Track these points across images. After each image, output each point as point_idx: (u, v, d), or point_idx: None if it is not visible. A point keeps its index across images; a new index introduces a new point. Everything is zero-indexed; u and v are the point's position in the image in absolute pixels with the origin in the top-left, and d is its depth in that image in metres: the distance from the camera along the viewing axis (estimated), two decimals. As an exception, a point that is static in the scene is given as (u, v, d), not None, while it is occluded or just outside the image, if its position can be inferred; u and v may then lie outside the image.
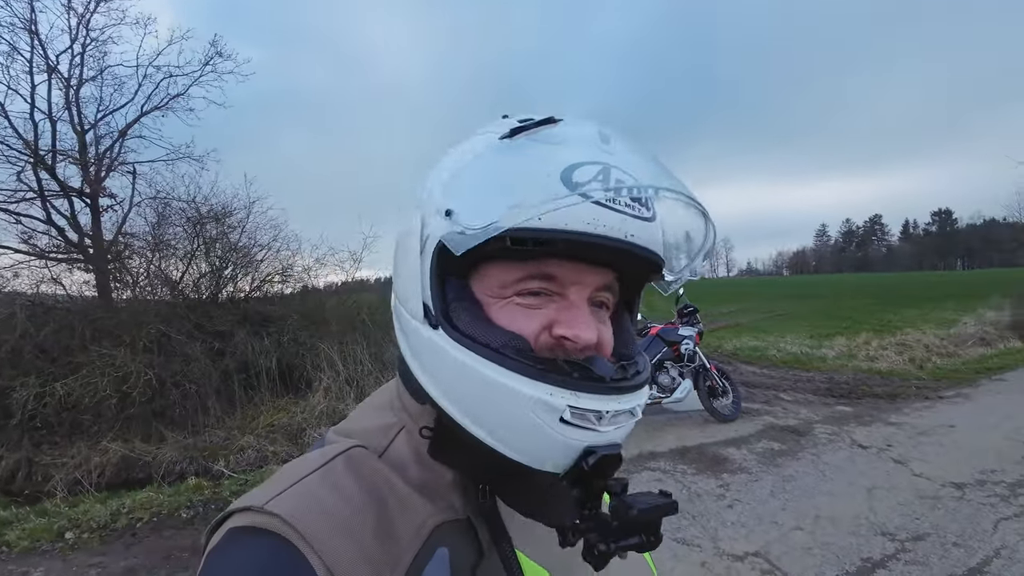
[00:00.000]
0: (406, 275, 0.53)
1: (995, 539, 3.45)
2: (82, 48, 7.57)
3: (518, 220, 0.43)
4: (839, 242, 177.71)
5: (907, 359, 9.98)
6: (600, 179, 0.45)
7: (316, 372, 7.67)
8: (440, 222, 0.48)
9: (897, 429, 5.87)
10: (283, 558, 0.43)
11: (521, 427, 0.45)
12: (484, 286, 0.50)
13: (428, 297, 0.49)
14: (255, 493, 0.48)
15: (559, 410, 0.44)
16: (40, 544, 3.93)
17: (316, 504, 0.46)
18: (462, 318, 0.49)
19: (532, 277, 0.49)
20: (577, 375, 0.46)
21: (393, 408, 0.58)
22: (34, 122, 7.17)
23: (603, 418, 0.46)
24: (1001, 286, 19.92)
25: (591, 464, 0.45)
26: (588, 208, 0.45)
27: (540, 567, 0.53)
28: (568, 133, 0.49)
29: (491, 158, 0.50)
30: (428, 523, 0.49)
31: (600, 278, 0.51)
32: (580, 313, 0.49)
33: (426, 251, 0.50)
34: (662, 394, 6.09)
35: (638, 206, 0.48)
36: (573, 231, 0.45)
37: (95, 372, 5.86)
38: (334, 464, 0.50)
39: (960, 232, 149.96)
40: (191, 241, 7.76)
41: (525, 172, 0.47)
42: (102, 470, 5.50)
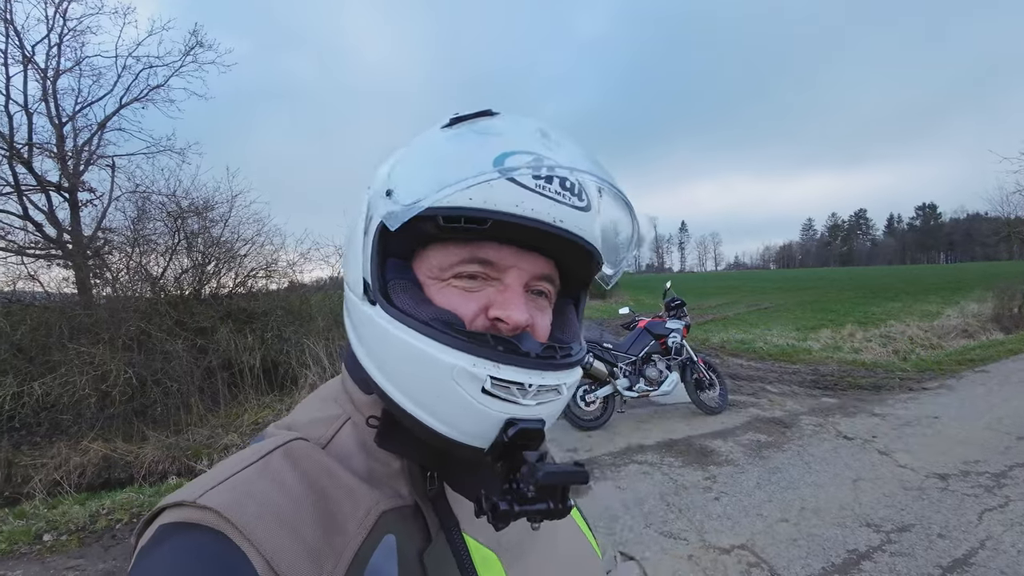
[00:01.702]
0: (351, 256, 0.54)
1: (980, 530, 3.48)
2: (59, 38, 7.41)
3: (441, 196, 0.45)
4: (825, 236, 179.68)
5: (891, 351, 10.08)
6: (532, 167, 0.47)
7: (302, 369, 7.59)
8: (382, 202, 0.50)
9: (881, 420, 5.92)
10: (218, 553, 0.41)
11: (447, 397, 0.46)
12: (424, 268, 0.52)
13: (368, 273, 0.51)
14: (187, 488, 0.46)
15: (480, 379, 0.46)
16: (18, 547, 3.83)
17: (252, 497, 0.45)
18: (399, 295, 0.50)
19: (470, 260, 0.50)
20: (502, 348, 0.48)
21: (338, 400, 0.59)
22: (9, 115, 7.00)
23: (527, 392, 0.48)
24: (983, 279, 20.23)
25: (510, 435, 0.46)
26: (517, 191, 0.47)
27: (488, 550, 0.53)
28: (508, 126, 0.52)
29: (431, 144, 0.53)
30: (374, 511, 0.49)
31: (536, 265, 0.53)
32: (514, 295, 0.51)
33: (369, 231, 0.52)
34: (649, 387, 6.08)
35: (570, 195, 0.50)
36: (500, 211, 0.47)
37: (73, 371, 5.74)
38: (272, 457, 0.50)
39: (944, 226, 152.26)
40: (172, 236, 7.62)
41: (459, 156, 0.49)
42: (82, 471, 5.39)
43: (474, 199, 0.46)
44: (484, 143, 0.49)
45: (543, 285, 0.54)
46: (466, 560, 0.51)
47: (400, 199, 0.48)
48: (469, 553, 0.52)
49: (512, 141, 0.49)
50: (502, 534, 0.54)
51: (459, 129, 0.52)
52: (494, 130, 0.51)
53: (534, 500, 0.44)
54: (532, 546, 0.57)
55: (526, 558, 0.56)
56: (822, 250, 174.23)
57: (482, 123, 0.52)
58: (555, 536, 0.62)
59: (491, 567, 0.53)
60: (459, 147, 0.50)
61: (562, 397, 0.52)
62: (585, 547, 0.68)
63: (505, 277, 0.51)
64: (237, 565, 0.41)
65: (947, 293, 19.74)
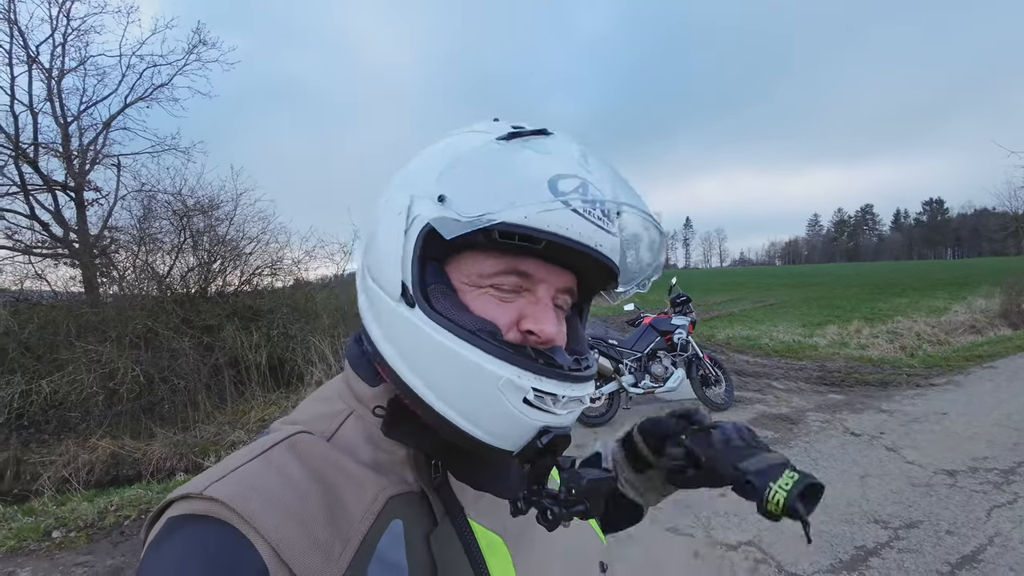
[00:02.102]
0: (385, 253, 0.54)
1: (988, 526, 3.45)
2: (63, 38, 7.45)
3: (513, 216, 0.47)
4: (831, 232, 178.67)
5: (898, 347, 10.01)
6: (580, 191, 0.50)
7: (307, 366, 7.62)
8: (431, 206, 0.51)
9: (889, 417, 5.88)
10: (225, 543, 0.42)
11: (487, 405, 0.48)
12: (461, 273, 0.53)
13: (408, 277, 0.51)
14: (194, 481, 0.47)
15: (524, 391, 0.48)
16: (27, 543, 3.87)
17: (257, 488, 0.46)
18: (439, 300, 0.51)
19: (509, 272, 0.53)
20: (542, 361, 0.51)
21: (341, 396, 0.60)
22: (14, 115, 7.04)
23: (559, 402, 0.51)
24: (991, 274, 20.09)
25: (544, 442, 0.49)
26: (568, 215, 0.50)
27: (494, 534, 0.55)
28: (556, 146, 0.54)
29: (488, 156, 0.53)
30: (380, 496, 0.50)
31: (565, 280, 0.56)
32: (546, 310, 0.53)
33: (411, 232, 0.52)
34: (655, 383, 6.06)
35: (606, 220, 0.54)
36: (554, 232, 0.49)
37: (81, 369, 5.78)
38: (276, 449, 0.51)
39: (951, 221, 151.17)
40: (178, 234, 7.65)
41: (518, 173, 0.51)
42: (91, 468, 5.44)
43: (529, 218, 0.48)
44: (538, 163, 0.51)
45: (563, 298, 0.58)
46: (472, 544, 0.53)
47: (459, 208, 0.49)
48: (475, 537, 0.53)
49: (560, 163, 0.52)
50: (506, 519, 0.56)
51: (515, 145, 0.54)
52: (544, 148, 0.53)
53: (573, 502, 0.50)
54: (535, 529, 0.57)
55: (531, 542, 0.58)
56: (828, 246, 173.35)
57: (536, 142, 0.54)
58: None
59: (497, 551, 0.54)
60: (516, 164, 0.52)
61: (583, 406, 0.55)
62: (588, 532, 0.69)
63: (537, 290, 0.54)
64: (243, 554, 0.42)
65: (954, 289, 19.59)
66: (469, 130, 0.58)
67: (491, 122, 0.59)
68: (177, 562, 0.42)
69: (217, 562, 0.42)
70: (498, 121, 0.59)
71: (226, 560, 0.42)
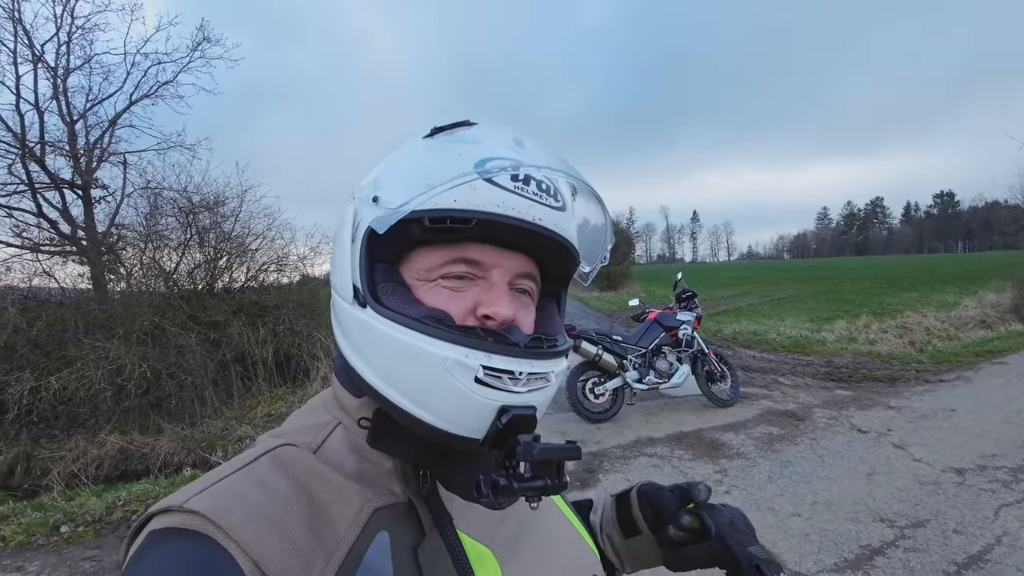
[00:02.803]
0: (340, 263, 0.56)
1: (996, 526, 3.42)
2: (68, 36, 7.44)
3: (427, 196, 0.48)
4: (840, 225, 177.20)
5: (907, 342, 9.93)
6: (510, 170, 0.50)
7: (313, 361, 7.65)
8: (369, 209, 0.52)
9: (897, 413, 5.84)
10: (205, 556, 0.42)
11: (441, 389, 0.48)
12: (412, 271, 0.54)
13: (357, 279, 0.53)
14: (175, 495, 0.47)
15: (473, 369, 0.48)
16: (35, 538, 3.91)
17: (238, 500, 0.46)
18: (389, 297, 0.52)
19: (455, 261, 0.53)
20: (492, 339, 0.50)
21: (328, 407, 0.60)
22: (20, 113, 7.06)
23: (517, 380, 0.50)
24: (1002, 268, 19.85)
25: (504, 422, 0.48)
26: (498, 192, 0.50)
27: (483, 545, 0.54)
28: (483, 134, 0.55)
29: (413, 153, 0.56)
30: (366, 509, 0.50)
31: (518, 263, 0.56)
32: (500, 292, 0.53)
33: (357, 238, 0.53)
34: (660, 380, 6.04)
35: (546, 195, 0.53)
36: (483, 210, 0.50)
37: (89, 365, 5.82)
38: (259, 462, 0.51)
39: (962, 214, 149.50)
40: (184, 231, 7.67)
41: (442, 162, 0.51)
42: (99, 463, 5.49)
43: (458, 200, 0.49)
44: (464, 151, 0.52)
45: (525, 283, 0.57)
46: (460, 555, 0.52)
47: (387, 204, 0.50)
48: (463, 548, 0.52)
49: (489, 149, 0.52)
50: (496, 530, 0.56)
51: (439, 139, 0.55)
52: (472, 139, 0.54)
53: (532, 478, 0.47)
54: (526, 542, 0.58)
55: (521, 553, 0.57)
56: (837, 239, 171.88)
57: (460, 133, 0.55)
58: (549, 532, 0.63)
59: (486, 563, 0.53)
60: (440, 155, 0.53)
61: (551, 385, 0.55)
62: (579, 542, 0.68)
63: (490, 275, 0.54)
64: (224, 567, 0.42)
65: (965, 283, 19.38)
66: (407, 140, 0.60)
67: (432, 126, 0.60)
68: (157, 575, 0.41)
69: (197, 575, 0.41)
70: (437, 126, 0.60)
71: (206, 573, 0.41)
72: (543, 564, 0.59)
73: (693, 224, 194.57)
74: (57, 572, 3.46)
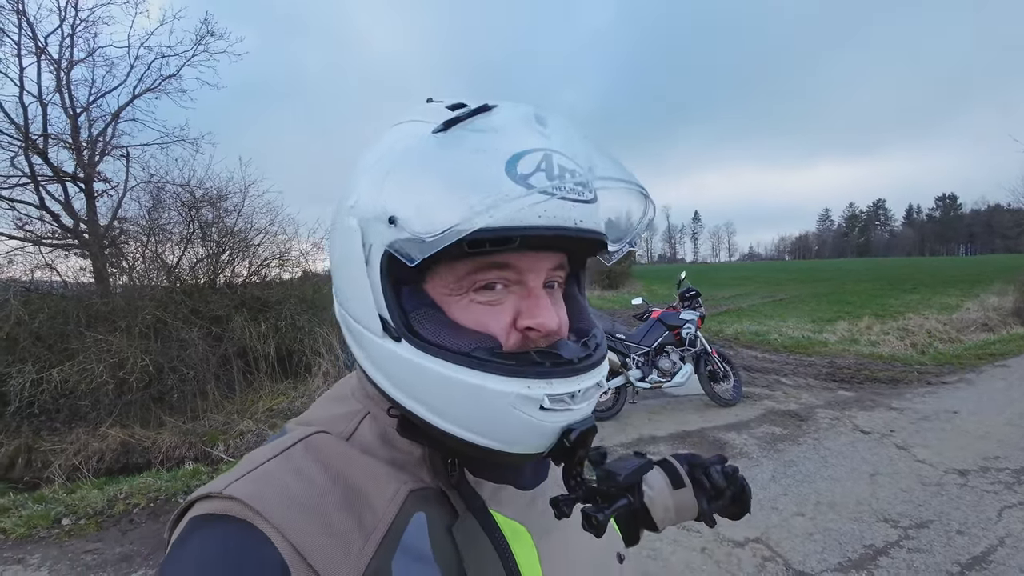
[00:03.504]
0: (352, 287, 0.51)
1: (999, 527, 3.41)
2: (72, 29, 7.40)
3: (476, 224, 0.42)
4: (842, 227, 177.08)
5: (909, 344, 9.92)
6: (544, 168, 0.45)
7: (315, 356, 7.65)
8: (383, 229, 0.46)
9: (899, 414, 5.83)
10: (245, 541, 0.43)
11: (504, 421, 0.46)
12: (438, 286, 0.50)
13: (384, 310, 0.48)
14: (215, 481, 0.48)
15: (538, 400, 0.46)
16: (37, 531, 3.91)
17: (276, 486, 0.46)
18: (425, 326, 0.48)
19: (487, 268, 0.49)
20: (548, 364, 0.48)
21: (356, 396, 0.59)
22: (24, 106, 7.03)
23: (576, 397, 0.49)
24: (1004, 271, 19.82)
25: (572, 440, 0.48)
26: (537, 203, 0.44)
27: (518, 523, 0.55)
28: (503, 121, 0.48)
29: (428, 154, 0.47)
30: (401, 491, 0.50)
31: (551, 261, 0.52)
32: (541, 302, 0.50)
33: (372, 262, 0.48)
34: (663, 378, 6.03)
35: (581, 189, 0.48)
36: (528, 226, 0.45)
37: (91, 358, 5.81)
38: (294, 449, 0.51)
39: (964, 217, 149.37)
40: (187, 225, 7.65)
41: (469, 168, 0.45)
42: (101, 456, 5.48)
43: (495, 217, 0.42)
44: (487, 146, 0.45)
45: (556, 275, 0.54)
46: (497, 533, 0.52)
47: (413, 227, 0.44)
48: (499, 526, 0.53)
49: (514, 139, 0.46)
50: (527, 510, 0.56)
51: (456, 134, 0.47)
52: (490, 126, 0.47)
53: (616, 497, 0.50)
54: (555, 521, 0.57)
55: (552, 533, 0.58)
56: (839, 241, 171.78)
57: (479, 122, 0.47)
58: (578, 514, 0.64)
59: (522, 539, 0.54)
60: (463, 157, 0.46)
61: (602, 389, 0.54)
62: None
63: (526, 280, 0.50)
64: (263, 551, 0.42)
65: (967, 285, 19.36)
66: (402, 122, 0.52)
67: (425, 107, 0.52)
68: (198, 561, 0.42)
69: (237, 560, 0.42)
70: (431, 103, 0.52)
71: (246, 558, 0.42)
72: (573, 542, 0.60)
73: (694, 224, 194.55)
74: (58, 565, 3.46)
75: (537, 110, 0.51)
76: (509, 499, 0.56)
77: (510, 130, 0.47)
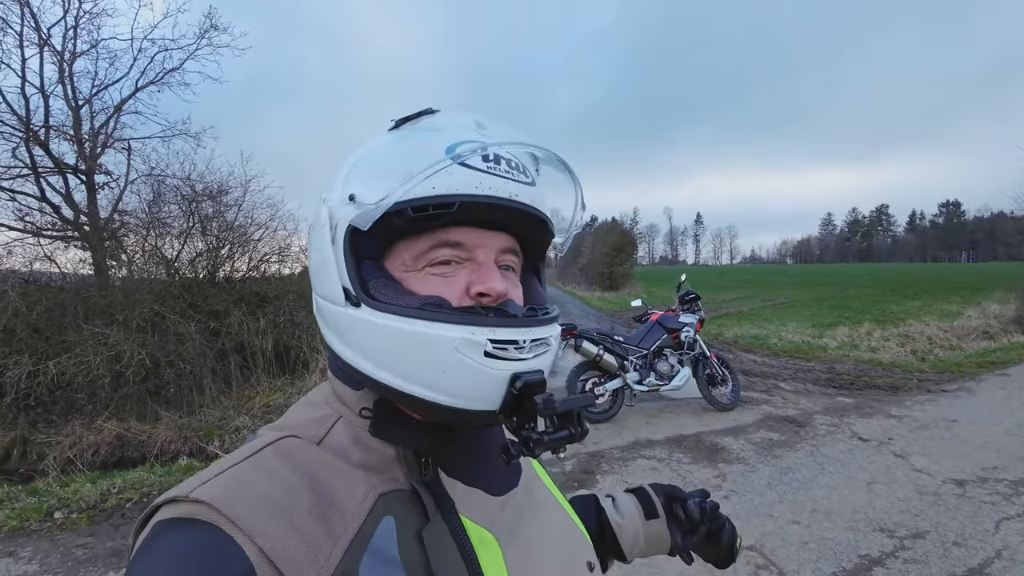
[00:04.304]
0: (322, 267, 0.55)
1: (996, 539, 3.38)
2: (75, 20, 7.40)
3: (409, 186, 0.49)
4: (844, 232, 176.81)
5: (909, 351, 9.87)
6: (480, 153, 0.52)
7: (313, 353, 7.64)
8: (345, 208, 0.53)
9: (898, 422, 5.80)
10: (211, 545, 0.43)
11: (453, 369, 0.49)
12: (398, 263, 0.55)
13: (347, 280, 0.53)
14: (181, 485, 0.48)
15: (481, 344, 0.49)
16: (29, 524, 3.89)
17: (244, 489, 0.46)
18: (382, 292, 0.53)
19: (439, 245, 0.54)
20: (492, 315, 0.52)
21: (328, 402, 0.60)
22: (26, 97, 7.03)
23: (522, 348, 0.52)
24: (1006, 279, 19.76)
25: (518, 388, 0.50)
26: (473, 175, 0.51)
27: (485, 530, 0.55)
28: (446, 120, 0.57)
29: (382, 147, 0.57)
30: (371, 494, 0.51)
31: (501, 241, 0.57)
32: (489, 270, 0.55)
33: (337, 239, 0.54)
34: (660, 382, 6.01)
35: (517, 172, 0.55)
36: (464, 194, 0.51)
37: (88, 351, 5.81)
38: (264, 452, 0.51)
39: (967, 224, 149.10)
40: (187, 219, 7.65)
41: (413, 151, 0.53)
42: (96, 449, 5.47)
43: (437, 187, 0.50)
44: (432, 138, 0.53)
45: (509, 259, 0.59)
46: (464, 539, 0.53)
47: (366, 199, 0.51)
48: (466, 532, 0.53)
49: (455, 134, 0.53)
50: (496, 516, 0.57)
51: (405, 130, 0.57)
52: (436, 126, 0.56)
53: (557, 429, 0.52)
54: (525, 528, 0.60)
55: (520, 538, 0.58)
56: (841, 245, 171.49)
57: (424, 121, 0.57)
58: (546, 519, 0.65)
59: (488, 546, 0.54)
60: (410, 145, 0.54)
61: (552, 348, 0.57)
62: (575, 531, 0.70)
63: (475, 256, 0.55)
64: (230, 555, 0.42)
65: (968, 293, 19.30)
66: None
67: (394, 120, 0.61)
68: (165, 566, 0.42)
69: (204, 564, 0.42)
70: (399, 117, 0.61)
71: (213, 562, 0.42)
72: (541, 549, 0.61)
73: (696, 227, 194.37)
74: (49, 558, 3.44)
75: (477, 116, 0.58)
76: (479, 504, 0.57)
77: (451, 129, 0.55)
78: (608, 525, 0.87)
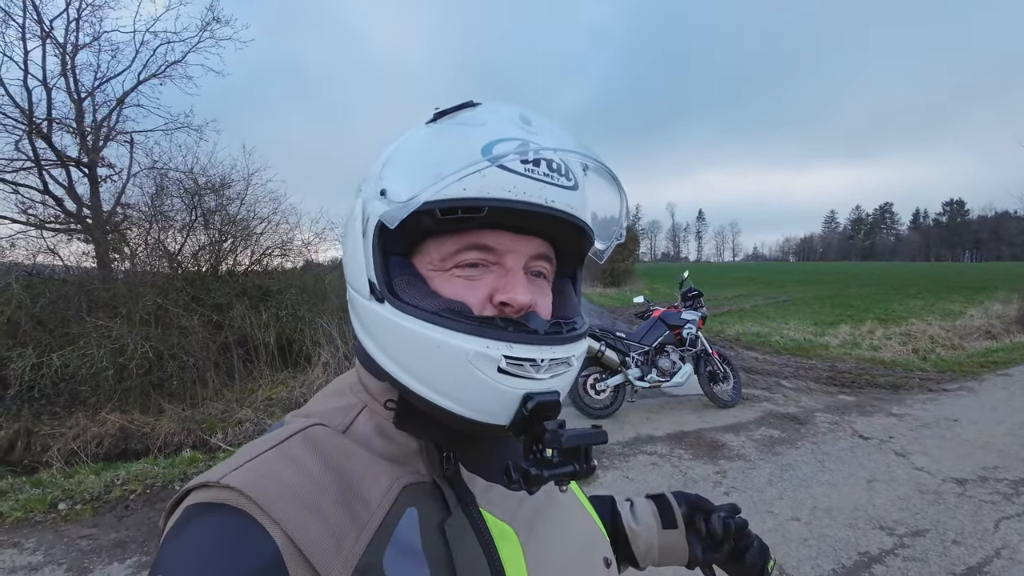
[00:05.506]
0: (352, 258, 0.55)
1: (996, 538, 3.39)
2: (77, 13, 7.39)
3: (437, 188, 0.47)
4: (847, 230, 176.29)
5: (911, 349, 9.86)
6: (519, 152, 0.49)
7: (315, 347, 7.65)
8: (377, 204, 0.52)
9: (899, 421, 5.80)
10: (240, 530, 0.43)
11: (465, 381, 0.48)
12: (425, 261, 0.54)
13: (373, 274, 0.52)
14: (212, 470, 0.49)
15: (495, 360, 0.48)
16: (33, 515, 3.92)
17: (272, 476, 0.47)
18: (406, 291, 0.52)
19: (468, 248, 0.52)
20: (511, 329, 0.51)
21: (353, 391, 0.60)
22: (28, 89, 7.03)
23: (539, 367, 0.50)
24: (1009, 279, 19.71)
25: (529, 408, 0.49)
26: (508, 177, 0.49)
27: (505, 523, 0.55)
28: (489, 115, 0.54)
29: (417, 141, 0.55)
30: (396, 485, 0.51)
31: (533, 246, 0.55)
32: (516, 278, 0.53)
33: (367, 233, 0.53)
34: (662, 378, 6.02)
35: (557, 175, 0.52)
36: (495, 198, 0.49)
37: (91, 343, 5.82)
38: (292, 440, 0.52)
39: (971, 223, 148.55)
40: (189, 213, 7.66)
41: (448, 149, 0.51)
42: (100, 441, 5.50)
43: (468, 189, 0.48)
44: (469, 134, 0.51)
45: (541, 265, 0.57)
46: (484, 532, 0.53)
47: (395, 197, 0.50)
48: (487, 525, 0.54)
49: (496, 130, 0.51)
50: (516, 510, 0.57)
51: (443, 124, 0.54)
52: (477, 120, 0.53)
53: (561, 464, 0.49)
54: (544, 523, 0.60)
55: (538, 533, 0.58)
56: (844, 243, 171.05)
57: (464, 115, 0.54)
58: (564, 515, 0.65)
59: (508, 540, 0.54)
60: (446, 141, 0.52)
61: (573, 368, 0.55)
62: (593, 527, 0.71)
63: (504, 261, 0.53)
64: (258, 540, 0.43)
65: (971, 292, 19.26)
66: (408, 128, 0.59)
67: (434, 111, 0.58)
68: (194, 549, 0.43)
69: (233, 548, 0.43)
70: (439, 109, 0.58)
71: (242, 547, 0.43)
72: (560, 544, 0.61)
73: (699, 223, 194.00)
74: (54, 549, 3.47)
75: (523, 110, 0.55)
76: (499, 499, 0.57)
77: (493, 123, 0.52)
78: (622, 530, 0.85)
